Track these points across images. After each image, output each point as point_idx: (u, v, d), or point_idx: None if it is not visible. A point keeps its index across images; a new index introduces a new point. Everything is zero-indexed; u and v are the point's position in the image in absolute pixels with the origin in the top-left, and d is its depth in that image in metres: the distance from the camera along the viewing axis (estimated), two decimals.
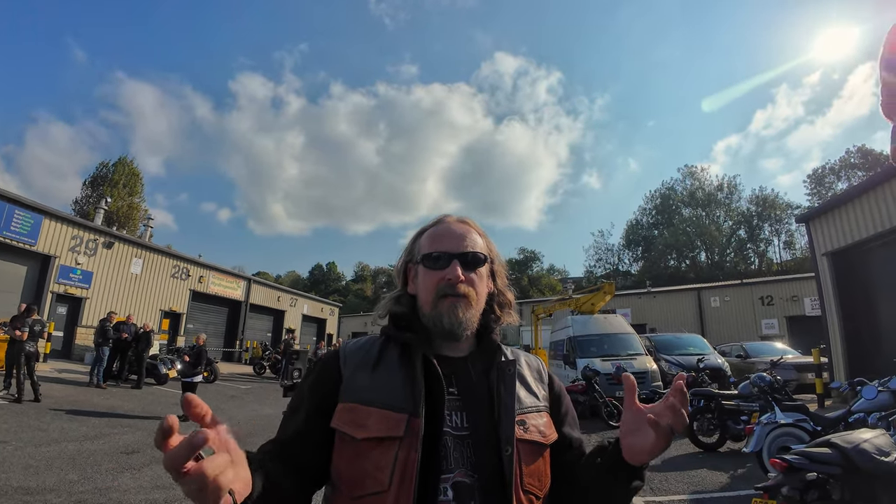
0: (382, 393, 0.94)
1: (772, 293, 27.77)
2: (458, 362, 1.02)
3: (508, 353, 1.09)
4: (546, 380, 1.12)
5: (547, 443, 1.01)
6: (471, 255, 1.05)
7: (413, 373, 0.95)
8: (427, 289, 1.04)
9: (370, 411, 0.92)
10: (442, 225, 1.11)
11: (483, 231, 1.14)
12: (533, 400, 1.05)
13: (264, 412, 10.22)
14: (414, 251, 1.11)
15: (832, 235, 12.71)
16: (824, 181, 50.31)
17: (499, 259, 1.14)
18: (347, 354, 1.03)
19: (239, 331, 26.13)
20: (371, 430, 0.90)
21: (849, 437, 3.26)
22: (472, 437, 0.94)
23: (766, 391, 6.66)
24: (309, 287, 67.02)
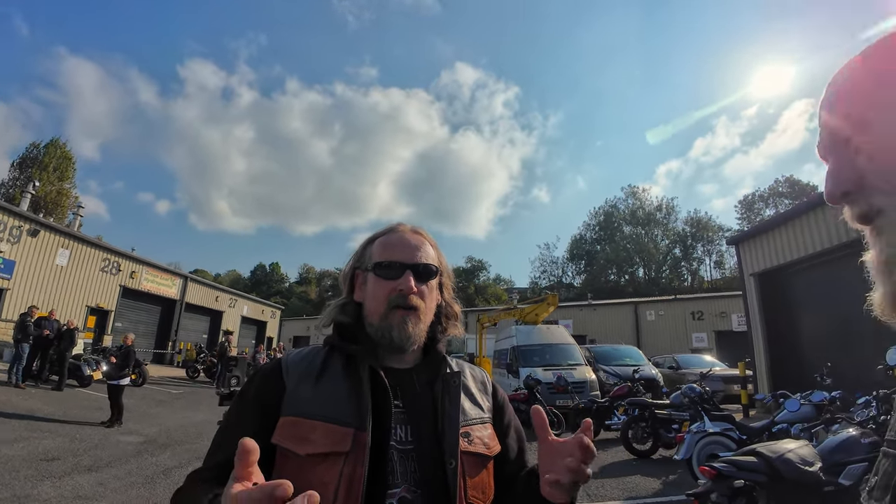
0: (327, 406, 0.91)
1: (702, 309, 29.39)
2: (404, 374, 1.00)
3: (454, 365, 1.08)
4: (490, 391, 1.12)
5: (491, 455, 1.00)
6: (423, 267, 1.03)
7: (359, 385, 0.93)
8: (377, 298, 1.01)
9: (315, 425, 0.88)
10: (395, 234, 1.08)
11: (435, 242, 1.13)
12: (478, 412, 1.04)
13: (196, 419, 9.72)
14: (364, 258, 1.08)
15: (759, 258, 13.61)
16: (754, 207, 54.22)
17: (447, 271, 1.13)
18: (290, 365, 0.98)
19: (172, 331, 24.71)
20: (316, 446, 0.86)
21: (774, 447, 3.46)
22: (417, 450, 0.92)
23: (696, 401, 6.99)
24: (250, 287, 64.67)
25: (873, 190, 0.53)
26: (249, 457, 0.59)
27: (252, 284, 70.32)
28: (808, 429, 5.48)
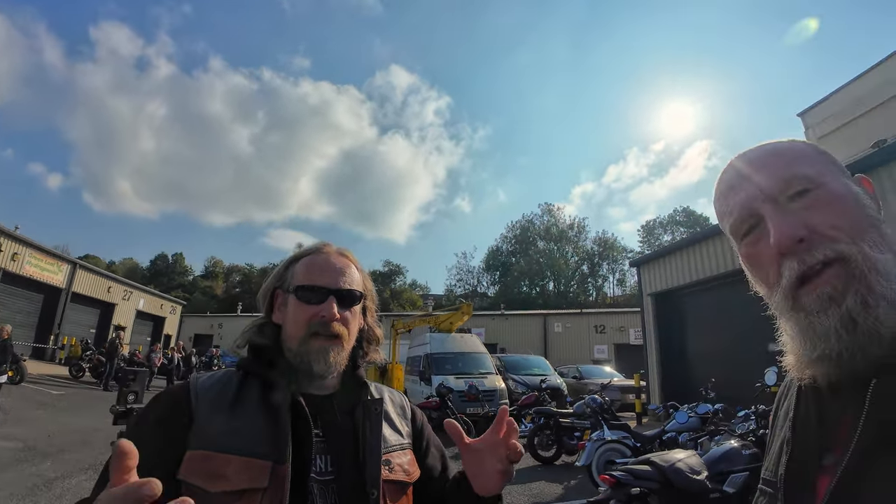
0: (243, 438, 0.85)
1: (604, 323, 31.49)
2: (323, 401, 0.97)
3: (374, 391, 1.06)
4: (409, 415, 1.11)
5: (411, 481, 0.99)
6: (347, 293, 1.00)
7: (277, 414, 0.88)
8: (297, 323, 0.96)
9: (229, 459, 0.82)
10: (321, 255, 1.04)
11: (361, 265, 1.10)
12: (397, 437, 1.03)
13: (81, 424, 8.81)
14: (286, 278, 1.03)
15: (657, 279, 14.88)
16: (653, 232, 59.58)
17: (371, 294, 1.10)
18: (199, 390, 0.91)
19: (55, 324, 22.12)
20: (230, 482, 0.80)
21: (666, 457, 3.79)
22: (337, 481, 0.90)
23: (597, 411, 7.45)
24: (148, 279, 59.74)
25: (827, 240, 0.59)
26: (125, 460, 0.54)
27: (151, 275, 65.04)
28: (694, 438, 6.05)
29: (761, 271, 0.66)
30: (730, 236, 0.71)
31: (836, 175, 0.65)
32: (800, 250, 0.60)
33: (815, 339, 0.60)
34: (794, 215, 0.61)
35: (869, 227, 0.60)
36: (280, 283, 1.03)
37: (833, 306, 0.58)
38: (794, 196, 0.62)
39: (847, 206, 0.61)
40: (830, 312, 0.58)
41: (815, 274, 0.59)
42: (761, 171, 0.65)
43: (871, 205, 0.63)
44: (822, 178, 0.63)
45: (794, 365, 0.65)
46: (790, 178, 0.63)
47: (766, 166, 0.65)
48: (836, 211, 0.61)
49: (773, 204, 0.63)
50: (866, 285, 0.57)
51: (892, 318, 0.55)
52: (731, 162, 0.71)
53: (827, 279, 0.59)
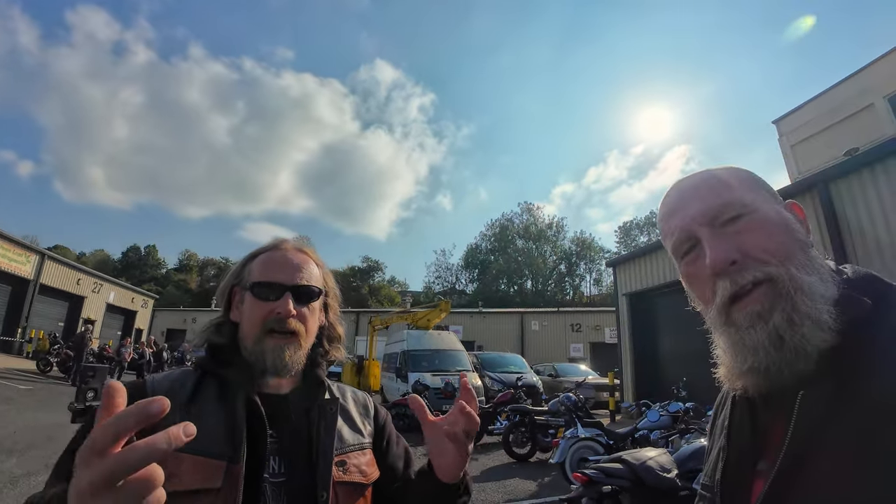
0: (197, 436, 0.82)
1: (580, 321, 31.92)
2: (279, 401, 0.96)
3: (335, 390, 1.06)
4: (372, 414, 1.11)
5: (368, 482, 0.98)
6: (305, 289, 0.98)
7: (233, 413, 0.87)
8: (253, 321, 0.95)
9: (182, 458, 0.80)
10: (278, 251, 1.02)
11: (321, 262, 1.08)
12: (356, 437, 1.02)
13: (48, 420, 8.55)
14: (243, 275, 1.01)
15: (632, 280, 15.12)
16: (630, 233, 60.30)
17: (333, 291, 1.09)
18: (156, 390, 0.90)
19: (23, 317, 21.39)
20: (183, 482, 0.78)
21: (637, 455, 3.85)
22: (288, 483, 0.89)
23: (571, 409, 7.54)
24: (119, 271, 58.31)
25: (758, 262, 0.64)
26: (115, 399, 0.50)
27: (122, 268, 63.50)
28: (665, 436, 6.18)
29: (699, 289, 0.71)
30: (671, 255, 0.75)
31: (769, 201, 0.70)
32: (732, 271, 0.65)
33: (745, 352, 0.64)
34: (727, 239, 0.66)
35: (797, 251, 0.65)
36: (237, 280, 1.02)
37: (761, 323, 0.63)
38: (728, 221, 0.67)
39: (776, 231, 0.66)
40: (759, 328, 0.63)
41: (746, 293, 0.64)
42: (699, 196, 0.70)
43: (800, 229, 0.68)
44: (754, 204, 0.68)
45: (726, 376, 0.69)
46: (724, 205, 0.67)
47: (703, 192, 0.70)
48: (766, 235, 0.66)
49: (710, 227, 0.68)
50: (792, 304, 0.62)
51: (816, 336, 0.60)
52: (674, 185, 0.76)
53: (756, 298, 0.64)
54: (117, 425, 0.47)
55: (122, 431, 0.47)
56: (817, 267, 0.65)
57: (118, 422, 0.48)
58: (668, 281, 13.29)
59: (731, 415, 0.74)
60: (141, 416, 0.48)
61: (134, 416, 0.47)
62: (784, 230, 0.67)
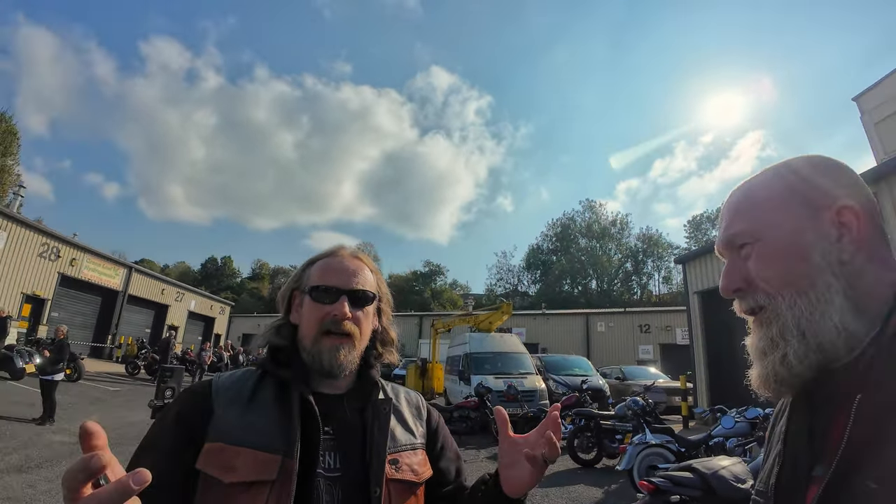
0: (255, 432, 0.89)
1: (649, 322, 30.49)
2: (335, 400, 1.00)
3: (388, 390, 1.09)
4: (424, 416, 1.13)
5: (419, 481, 1.00)
6: (360, 293, 1.03)
7: (289, 412, 0.92)
8: (311, 322, 1.00)
9: (240, 451, 0.86)
10: (335, 258, 1.07)
11: (376, 268, 1.12)
12: (409, 437, 1.04)
13: (134, 419, 9.24)
14: (302, 279, 1.07)
15: (703, 277, 14.28)
16: (701, 227, 56.78)
17: (386, 297, 1.13)
18: (220, 388, 0.96)
19: (113, 324, 23.46)
20: (240, 474, 0.83)
21: (709, 464, 3.61)
22: (343, 478, 0.92)
23: (639, 414, 7.24)
24: (199, 281, 62.35)
25: (758, 291, 0.69)
26: (91, 440, 0.56)
27: (202, 278, 67.85)
28: (742, 444, 5.77)
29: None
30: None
31: (794, 219, 0.70)
32: (737, 297, 0.73)
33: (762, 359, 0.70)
34: (739, 265, 0.72)
35: (808, 275, 0.66)
36: (297, 284, 1.07)
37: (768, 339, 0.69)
38: (740, 247, 0.72)
39: (780, 259, 0.69)
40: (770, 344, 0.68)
41: (759, 310, 0.70)
42: (724, 219, 0.76)
43: (828, 247, 0.67)
44: (762, 231, 0.70)
45: (754, 380, 0.72)
46: (735, 235, 0.73)
47: (727, 217, 0.75)
48: (767, 263, 0.69)
49: (729, 251, 0.74)
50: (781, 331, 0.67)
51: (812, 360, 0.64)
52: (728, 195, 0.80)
53: (762, 319, 0.70)
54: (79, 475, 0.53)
55: (82, 482, 0.53)
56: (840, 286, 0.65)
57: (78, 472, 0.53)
58: None
59: (788, 420, 0.74)
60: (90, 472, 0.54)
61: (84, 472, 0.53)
62: (793, 256, 0.68)
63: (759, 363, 0.70)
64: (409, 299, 57.77)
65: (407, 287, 61.40)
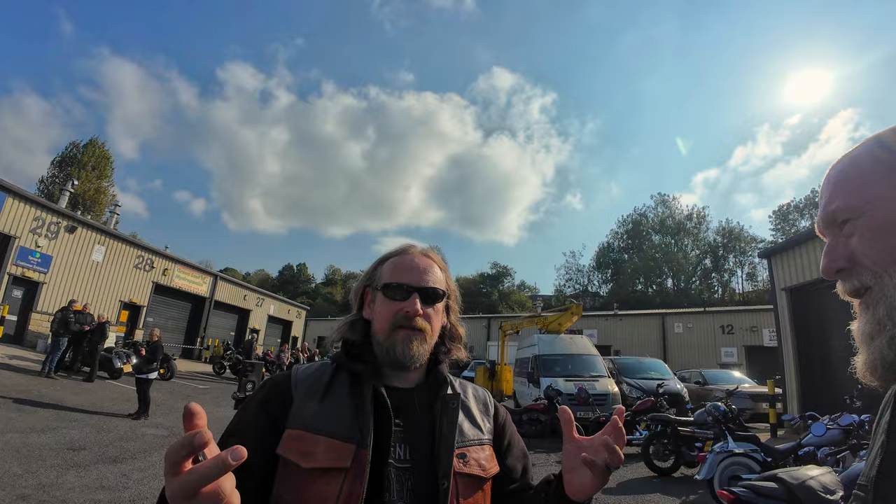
0: (331, 422, 0.94)
1: (732, 322, 28.56)
2: (406, 394, 1.03)
3: (457, 386, 1.11)
4: (492, 412, 1.14)
5: (487, 476, 1.01)
6: (430, 291, 1.06)
7: (362, 403, 0.96)
8: (384, 318, 1.04)
9: (318, 439, 0.91)
10: (406, 256, 1.11)
11: (445, 265, 1.15)
12: (476, 433, 1.06)
13: (221, 414, 9.91)
14: (374, 277, 1.11)
15: (792, 272, 13.16)
16: (788, 218, 52.37)
17: (455, 294, 1.15)
18: (299, 379, 1.02)
19: (201, 328, 25.34)
20: (318, 460, 0.89)
21: (795, 473, 3.34)
22: (413, 469, 0.95)
23: (721, 420, 6.81)
24: (277, 287, 65.85)
25: (863, 270, 0.64)
26: (193, 419, 0.60)
27: (279, 284, 71.60)
28: (834, 453, 5.28)
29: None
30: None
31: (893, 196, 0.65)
32: (839, 278, 0.67)
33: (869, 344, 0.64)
34: (841, 244, 0.66)
35: None
36: (369, 281, 1.12)
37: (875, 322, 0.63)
38: (841, 224, 0.67)
39: (885, 236, 0.63)
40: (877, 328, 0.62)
41: (865, 291, 0.64)
42: (823, 195, 0.70)
43: None
44: (865, 206, 0.64)
45: (860, 368, 0.67)
46: (833, 212, 0.67)
47: (826, 192, 0.70)
48: (871, 241, 0.64)
49: (830, 229, 0.69)
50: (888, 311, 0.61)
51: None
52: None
53: (868, 300, 0.64)
54: (183, 450, 0.58)
55: (184, 456, 0.58)
56: None
57: (181, 448, 0.58)
58: None
59: (892, 410, 0.70)
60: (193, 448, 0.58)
61: (187, 447, 0.58)
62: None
63: (866, 348, 0.64)
64: (477, 302, 57.83)
65: (474, 289, 61.54)
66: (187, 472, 0.57)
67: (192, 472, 0.57)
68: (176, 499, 0.58)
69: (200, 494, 0.58)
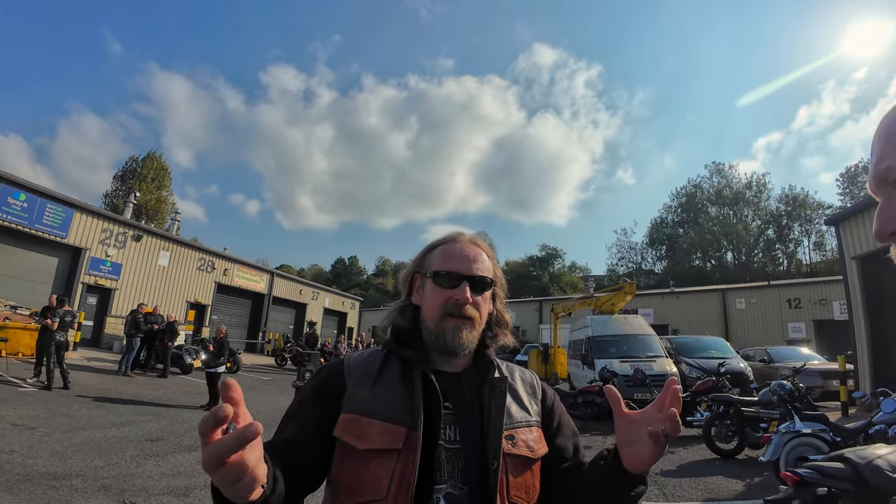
0: (383, 406, 0.98)
1: (800, 296, 27.03)
2: (454, 378, 1.06)
3: (503, 369, 1.13)
4: (539, 394, 1.16)
5: (535, 457, 1.04)
6: (479, 279, 1.08)
7: (412, 388, 0.99)
8: (434, 305, 1.07)
9: (372, 423, 0.96)
10: (455, 244, 1.13)
11: (492, 253, 1.18)
12: (524, 415, 1.08)
13: (284, 403, 10.31)
14: (424, 264, 1.14)
15: (862, 239, 12.29)
16: (857, 180, 48.41)
17: (501, 281, 1.18)
18: (351, 366, 1.07)
19: (262, 323, 26.62)
20: (372, 442, 0.94)
21: (863, 452, 3.19)
22: (463, 450, 0.98)
23: (786, 399, 6.54)
24: (331, 281, 67.68)
25: None
26: (228, 391, 0.66)
27: (333, 277, 73.56)
28: None
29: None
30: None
31: None
32: (894, 242, 0.62)
33: None
34: (893, 205, 0.61)
35: None
36: (419, 268, 1.15)
37: None
38: (894, 183, 0.60)
39: None
40: None
41: None
42: (874, 154, 0.64)
43: None
44: None
45: None
46: (886, 170, 0.61)
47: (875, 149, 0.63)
48: None
49: (883, 188, 0.62)
50: None
51: None
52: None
53: None
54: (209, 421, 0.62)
55: (213, 426, 0.62)
56: None
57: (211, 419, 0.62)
58: None
59: None
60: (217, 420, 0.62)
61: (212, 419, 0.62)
62: None
63: None
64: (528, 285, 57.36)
65: (524, 273, 61.07)
66: (214, 443, 0.62)
67: (217, 443, 0.62)
68: (206, 467, 0.63)
69: (226, 464, 0.63)
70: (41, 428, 6.57)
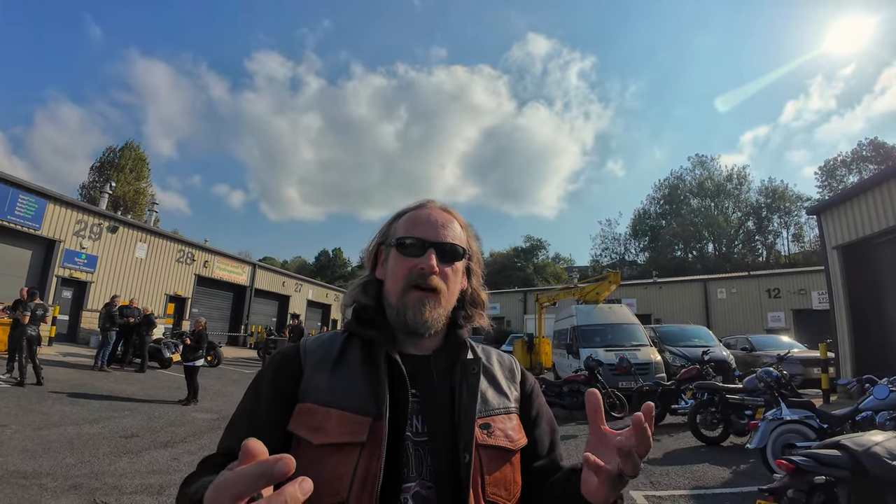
0: (343, 394, 0.86)
1: (779, 286, 27.49)
2: (422, 361, 0.94)
3: (479, 351, 1.02)
4: (518, 378, 1.05)
5: (514, 448, 0.93)
6: (448, 247, 0.96)
7: (375, 372, 0.88)
8: (396, 276, 0.95)
9: (330, 413, 0.84)
10: (423, 210, 1.02)
11: (466, 224, 1.05)
12: (502, 401, 0.97)
13: None
14: (389, 233, 1.02)
15: (843, 228, 12.47)
16: (835, 173, 49.43)
17: (477, 256, 1.06)
18: (308, 350, 0.95)
19: (244, 315, 26.19)
20: (330, 435, 0.82)
21: (859, 440, 3.15)
22: (431, 442, 0.87)
23: (773, 386, 6.58)
24: (315, 273, 67.15)
25: None
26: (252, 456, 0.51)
27: (317, 270, 72.94)
28: (894, 417, 5.00)
29: None
30: None
31: None
32: None
33: None
34: None
35: None
36: (384, 238, 1.03)
37: None
38: None
39: None
40: None
41: None
42: None
43: None
44: None
45: None
46: None
47: None
48: None
49: None
50: None
51: None
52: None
53: None
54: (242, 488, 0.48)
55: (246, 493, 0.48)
56: None
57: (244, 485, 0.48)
58: (894, 224, 10.71)
59: None
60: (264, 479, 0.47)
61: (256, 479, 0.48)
62: None
63: None
64: (512, 276, 57.49)
65: (508, 264, 61.15)
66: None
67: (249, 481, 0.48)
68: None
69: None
70: (12, 425, 6.32)
